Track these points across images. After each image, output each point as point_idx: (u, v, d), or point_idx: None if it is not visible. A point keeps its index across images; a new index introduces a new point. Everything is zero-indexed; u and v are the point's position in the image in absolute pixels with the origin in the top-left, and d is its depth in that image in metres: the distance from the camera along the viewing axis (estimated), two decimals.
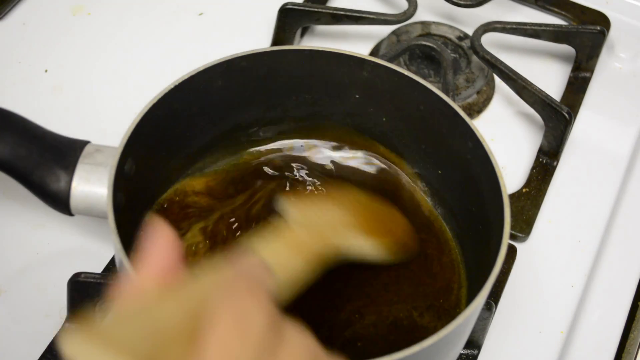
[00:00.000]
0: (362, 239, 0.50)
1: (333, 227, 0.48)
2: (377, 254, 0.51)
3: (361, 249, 0.50)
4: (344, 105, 0.65)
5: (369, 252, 0.50)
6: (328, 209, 0.51)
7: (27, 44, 0.79)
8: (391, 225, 0.56)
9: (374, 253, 0.51)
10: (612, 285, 0.68)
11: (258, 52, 0.61)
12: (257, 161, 0.66)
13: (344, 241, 0.48)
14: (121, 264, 0.50)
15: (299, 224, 0.46)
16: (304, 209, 0.48)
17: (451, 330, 0.48)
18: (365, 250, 0.50)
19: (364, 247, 0.50)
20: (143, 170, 0.57)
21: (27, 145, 0.55)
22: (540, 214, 0.71)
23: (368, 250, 0.50)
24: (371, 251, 0.51)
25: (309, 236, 0.45)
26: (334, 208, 0.52)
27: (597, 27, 0.80)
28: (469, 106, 0.78)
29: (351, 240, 0.49)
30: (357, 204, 0.55)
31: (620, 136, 0.78)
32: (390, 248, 0.52)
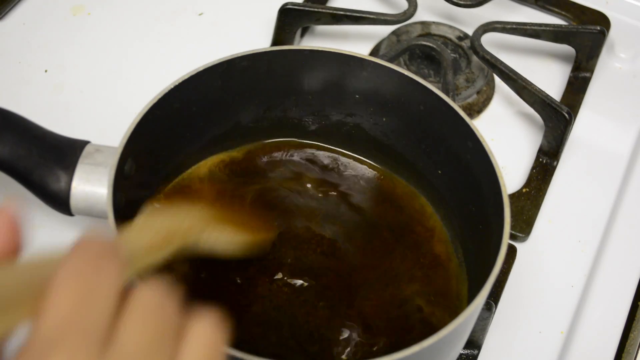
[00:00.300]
0: (215, 231, 0.52)
1: (188, 221, 0.50)
2: (229, 246, 0.53)
3: (213, 240, 0.51)
4: (344, 105, 0.65)
5: (222, 245, 0.52)
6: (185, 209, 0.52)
7: (27, 44, 0.79)
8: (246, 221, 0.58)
9: (226, 245, 0.53)
10: (612, 285, 0.68)
11: (258, 52, 0.61)
12: (255, 161, 0.66)
13: (197, 234, 0.50)
14: None
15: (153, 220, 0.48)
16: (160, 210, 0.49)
17: (451, 330, 0.48)
18: (218, 242, 0.52)
19: (216, 239, 0.52)
20: (143, 170, 0.57)
21: (27, 145, 0.55)
22: (540, 214, 0.71)
23: (220, 242, 0.52)
24: (224, 243, 0.52)
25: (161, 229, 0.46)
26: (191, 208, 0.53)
27: (597, 27, 0.80)
28: (469, 106, 0.78)
29: (204, 232, 0.51)
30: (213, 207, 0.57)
31: (620, 136, 0.78)
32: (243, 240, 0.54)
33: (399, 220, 0.64)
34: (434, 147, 0.63)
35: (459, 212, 0.62)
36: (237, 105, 0.63)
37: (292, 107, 0.65)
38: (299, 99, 0.65)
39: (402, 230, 0.63)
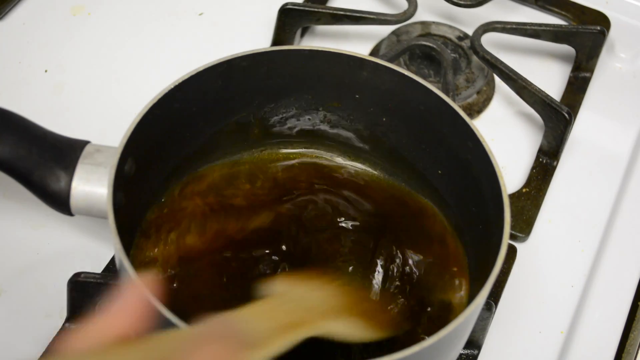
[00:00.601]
0: (340, 322, 0.51)
1: (314, 307, 0.49)
2: (352, 336, 0.51)
3: (338, 331, 0.50)
4: (344, 105, 0.65)
5: (345, 334, 0.51)
6: (311, 289, 0.51)
7: (27, 44, 0.79)
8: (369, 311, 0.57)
9: (349, 335, 0.51)
10: (612, 285, 0.68)
11: (258, 52, 0.61)
12: (256, 161, 0.66)
13: (325, 323, 0.49)
14: (121, 264, 0.50)
15: (285, 302, 0.47)
16: (294, 286, 0.49)
17: (451, 330, 0.48)
18: (342, 333, 0.50)
19: (341, 330, 0.50)
20: (143, 170, 0.57)
21: (27, 145, 0.55)
22: (540, 214, 0.71)
23: (344, 333, 0.51)
24: (347, 334, 0.51)
25: (292, 315, 0.45)
26: (318, 289, 0.52)
27: (597, 27, 0.80)
28: (469, 106, 0.78)
29: (330, 322, 0.50)
30: (341, 288, 0.55)
31: (620, 136, 0.78)
32: (366, 331, 0.53)
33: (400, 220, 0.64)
34: (434, 147, 0.63)
35: (459, 212, 0.62)
36: (237, 105, 0.63)
37: (292, 107, 0.65)
38: (299, 99, 0.65)
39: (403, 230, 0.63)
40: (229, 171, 0.65)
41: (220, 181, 0.64)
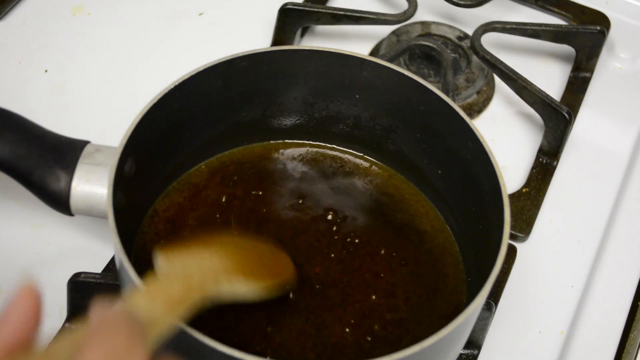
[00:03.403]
0: (236, 282, 0.50)
1: (204, 273, 0.49)
2: (250, 294, 0.51)
3: (234, 291, 0.50)
4: (344, 106, 0.65)
5: (243, 293, 0.51)
6: (200, 256, 0.51)
7: (27, 44, 0.79)
8: (267, 265, 0.56)
9: (247, 294, 0.51)
10: (612, 285, 0.68)
11: (258, 52, 0.61)
12: (256, 161, 0.66)
13: (217, 286, 0.49)
14: (121, 264, 0.50)
15: (168, 276, 0.47)
16: (175, 259, 0.49)
17: (451, 330, 0.48)
18: (239, 293, 0.50)
19: (237, 290, 0.50)
20: (143, 170, 0.57)
21: (27, 145, 0.55)
22: (540, 214, 0.71)
23: (242, 292, 0.51)
24: (245, 292, 0.51)
25: (178, 288, 0.45)
26: (207, 254, 0.52)
27: (597, 27, 0.80)
28: (469, 106, 0.78)
29: (224, 284, 0.49)
30: (232, 247, 0.55)
31: (620, 136, 0.78)
32: (264, 287, 0.52)
33: (400, 220, 0.64)
34: (434, 148, 0.63)
35: (459, 212, 0.62)
36: (237, 105, 0.63)
37: (292, 107, 0.65)
38: (299, 99, 0.65)
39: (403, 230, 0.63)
40: (229, 171, 0.65)
41: (220, 180, 0.64)
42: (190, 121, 0.61)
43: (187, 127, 0.62)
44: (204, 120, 0.62)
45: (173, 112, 0.59)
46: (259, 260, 0.56)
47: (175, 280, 0.46)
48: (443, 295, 0.60)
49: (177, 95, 0.58)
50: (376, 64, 0.61)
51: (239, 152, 0.66)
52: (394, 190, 0.66)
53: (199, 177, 0.64)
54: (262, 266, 0.55)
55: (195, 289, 0.46)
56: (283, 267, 0.57)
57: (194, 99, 0.60)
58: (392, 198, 0.65)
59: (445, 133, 0.61)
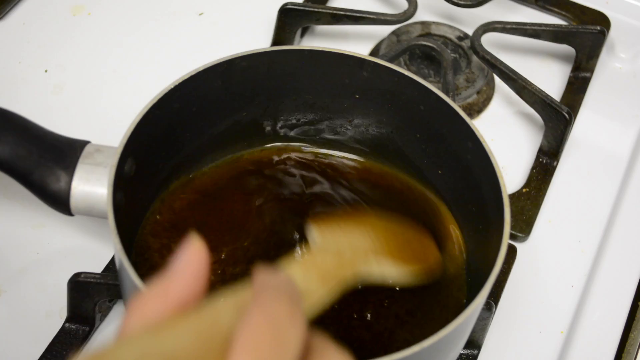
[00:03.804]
0: (385, 264, 0.50)
1: (356, 252, 0.48)
2: (399, 279, 0.51)
3: (383, 274, 0.49)
4: (344, 106, 0.65)
5: (392, 277, 0.50)
6: (353, 234, 0.50)
7: (27, 44, 0.79)
8: (416, 250, 0.56)
9: (396, 278, 0.51)
10: (612, 285, 0.68)
11: (258, 52, 0.61)
12: (256, 161, 0.66)
13: (367, 267, 0.48)
14: (121, 264, 0.50)
15: (323, 251, 0.46)
16: (329, 234, 0.48)
17: (451, 330, 0.48)
18: (388, 276, 0.50)
19: (387, 273, 0.50)
20: (143, 170, 0.57)
21: (27, 145, 0.55)
22: (540, 214, 0.71)
23: (391, 276, 0.50)
24: (394, 276, 0.50)
25: (332, 263, 0.44)
26: (359, 233, 0.51)
27: (597, 27, 0.80)
28: (469, 106, 0.78)
29: (374, 266, 0.49)
30: (383, 229, 0.54)
31: (620, 136, 0.78)
32: (413, 273, 0.52)
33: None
34: (434, 147, 0.63)
35: (459, 212, 0.62)
36: (237, 105, 0.63)
37: (292, 107, 0.65)
38: (299, 99, 0.65)
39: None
40: (229, 170, 0.65)
41: (220, 180, 0.64)
42: (190, 121, 0.61)
43: (187, 127, 0.61)
44: (204, 120, 0.62)
45: (173, 112, 0.59)
46: (409, 244, 0.55)
47: (329, 255, 0.45)
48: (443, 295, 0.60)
49: (177, 95, 0.58)
50: (376, 64, 0.61)
51: (239, 152, 0.66)
52: (393, 190, 0.65)
53: (199, 177, 0.64)
54: (411, 250, 0.55)
55: (347, 266, 0.45)
56: (430, 253, 0.57)
57: (194, 99, 0.60)
58: (392, 198, 0.65)
59: (445, 133, 0.61)
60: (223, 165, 0.65)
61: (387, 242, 0.52)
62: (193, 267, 0.35)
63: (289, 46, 0.76)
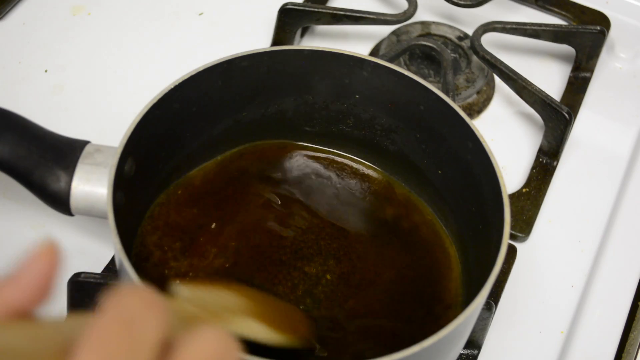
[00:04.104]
0: (249, 324, 0.50)
1: (220, 309, 0.49)
2: (264, 339, 0.50)
3: (246, 333, 0.49)
4: (344, 106, 0.65)
5: (259, 337, 0.50)
6: (218, 295, 0.51)
7: (27, 44, 0.79)
8: (284, 316, 0.56)
9: (261, 338, 0.50)
10: (612, 285, 0.68)
11: (258, 52, 0.61)
12: (256, 161, 0.66)
13: (229, 324, 0.48)
14: (121, 264, 0.50)
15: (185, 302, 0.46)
16: (194, 292, 0.48)
17: (451, 330, 0.48)
18: (255, 335, 0.50)
19: (254, 332, 0.50)
20: (143, 170, 0.57)
21: (27, 145, 0.55)
22: (540, 214, 0.71)
23: (258, 335, 0.50)
24: (261, 335, 0.50)
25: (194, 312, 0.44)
26: (225, 295, 0.51)
27: (597, 27, 0.80)
28: (469, 106, 0.78)
29: (237, 324, 0.49)
30: (252, 296, 0.55)
31: (620, 136, 0.78)
32: (280, 335, 0.52)
33: (399, 220, 0.64)
34: (434, 147, 0.63)
35: (459, 212, 0.62)
36: (237, 105, 0.63)
37: (292, 108, 0.65)
38: (299, 99, 0.65)
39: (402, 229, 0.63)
40: (229, 171, 0.65)
41: (220, 180, 0.64)
42: (190, 121, 0.61)
43: (187, 127, 0.62)
44: (204, 120, 0.62)
45: (173, 112, 0.59)
46: (277, 313, 0.55)
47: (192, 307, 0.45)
48: (443, 295, 0.60)
49: (177, 95, 0.58)
50: (376, 64, 0.61)
51: (239, 152, 0.66)
52: (394, 190, 0.65)
53: (199, 177, 0.64)
54: (280, 318, 0.54)
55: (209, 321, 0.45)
56: (300, 323, 0.56)
57: (194, 99, 0.60)
58: (392, 198, 0.65)
59: (445, 133, 0.61)
60: (222, 165, 0.65)
61: (254, 306, 0.52)
62: (38, 275, 0.32)
63: (289, 46, 0.76)
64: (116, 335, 0.28)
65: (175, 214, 0.62)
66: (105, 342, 0.28)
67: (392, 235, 0.63)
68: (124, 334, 0.28)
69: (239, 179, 0.65)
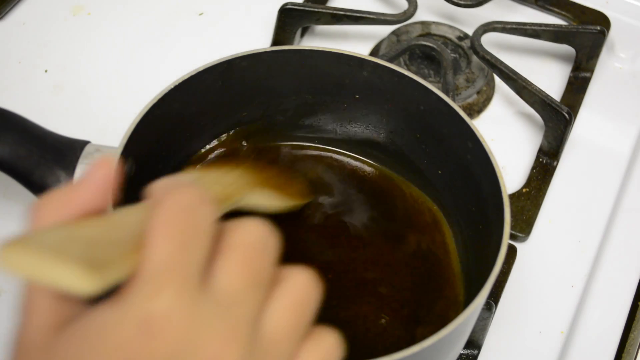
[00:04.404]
0: (262, 194, 0.55)
1: (225, 185, 0.52)
2: (273, 205, 0.56)
3: (252, 201, 0.53)
4: (344, 106, 0.65)
5: (267, 204, 0.55)
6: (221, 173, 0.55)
7: (27, 44, 0.79)
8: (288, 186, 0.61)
9: (271, 205, 0.55)
10: (612, 285, 0.68)
11: (258, 52, 0.61)
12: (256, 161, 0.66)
13: (247, 195, 0.52)
14: None
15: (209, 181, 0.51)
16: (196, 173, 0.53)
17: (451, 330, 0.48)
18: (265, 203, 0.55)
19: (263, 200, 0.55)
20: (143, 170, 0.57)
21: (27, 145, 0.55)
22: (540, 214, 0.71)
23: (266, 202, 0.55)
24: (269, 203, 0.55)
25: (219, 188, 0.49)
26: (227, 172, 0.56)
27: (597, 27, 0.80)
28: (469, 106, 0.78)
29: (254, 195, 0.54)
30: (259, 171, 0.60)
31: (620, 136, 0.78)
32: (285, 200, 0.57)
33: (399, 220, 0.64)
34: (434, 147, 0.63)
35: (459, 212, 0.62)
36: (237, 105, 0.63)
37: (292, 107, 0.65)
38: (299, 99, 0.65)
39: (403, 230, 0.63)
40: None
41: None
42: (190, 121, 0.61)
43: (187, 127, 0.62)
44: (204, 120, 0.62)
45: (173, 112, 0.59)
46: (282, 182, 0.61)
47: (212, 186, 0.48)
48: (443, 295, 0.60)
49: (177, 95, 0.58)
50: (376, 64, 0.61)
51: (239, 152, 0.66)
52: (394, 190, 0.65)
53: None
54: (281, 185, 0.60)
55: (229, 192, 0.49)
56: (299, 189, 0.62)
57: (194, 99, 0.60)
58: (392, 198, 0.65)
59: (445, 133, 0.61)
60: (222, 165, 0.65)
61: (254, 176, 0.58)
62: (99, 180, 0.36)
63: (289, 46, 0.76)
64: (182, 221, 0.33)
65: None
66: (174, 226, 0.32)
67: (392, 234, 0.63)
68: (188, 219, 0.33)
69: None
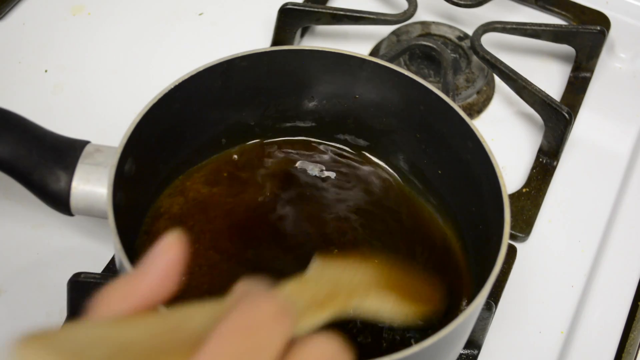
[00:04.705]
0: (381, 302, 0.49)
1: (353, 286, 0.48)
2: (397, 317, 0.50)
3: (377, 309, 0.49)
4: (344, 106, 0.65)
5: (389, 315, 0.50)
6: (353, 270, 0.50)
7: (27, 44, 0.79)
8: (414, 289, 0.55)
9: (394, 316, 0.50)
10: (612, 285, 0.68)
11: (258, 52, 0.61)
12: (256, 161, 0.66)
13: (361, 301, 0.48)
14: (121, 264, 0.50)
15: (319, 278, 0.46)
16: (329, 265, 0.48)
17: (451, 330, 0.48)
18: (385, 313, 0.49)
19: (381, 310, 0.49)
20: (143, 170, 0.57)
21: (27, 145, 0.55)
22: (540, 214, 0.71)
23: (388, 313, 0.50)
24: (392, 314, 0.50)
25: (326, 291, 0.44)
26: (360, 269, 0.51)
27: (597, 27, 0.80)
28: (469, 106, 0.78)
29: (369, 300, 0.49)
30: (383, 266, 0.54)
31: (620, 136, 0.78)
32: (412, 313, 0.51)
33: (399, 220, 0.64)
34: (434, 147, 0.63)
35: (459, 212, 0.62)
36: (237, 105, 0.63)
37: (292, 107, 0.65)
38: (299, 99, 0.65)
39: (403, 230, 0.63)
40: (230, 170, 0.65)
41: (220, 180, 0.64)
42: (191, 121, 0.61)
43: (187, 127, 0.62)
44: (204, 120, 0.62)
45: (173, 112, 0.59)
46: (410, 285, 0.55)
47: (325, 285, 0.45)
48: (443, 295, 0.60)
49: (177, 95, 0.58)
50: (376, 64, 0.61)
51: (239, 152, 0.66)
52: (394, 190, 0.66)
53: (199, 177, 0.64)
54: (413, 291, 0.54)
55: (342, 293, 0.45)
56: (432, 295, 0.56)
57: (194, 99, 0.60)
58: (392, 198, 0.65)
59: (445, 133, 0.61)
60: (223, 165, 0.65)
61: (388, 281, 0.52)
62: (166, 265, 0.33)
63: (289, 46, 0.76)
64: (240, 343, 0.30)
65: (176, 214, 0.62)
66: (228, 347, 0.30)
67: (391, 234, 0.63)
68: (247, 342, 0.30)
69: (240, 178, 0.65)
